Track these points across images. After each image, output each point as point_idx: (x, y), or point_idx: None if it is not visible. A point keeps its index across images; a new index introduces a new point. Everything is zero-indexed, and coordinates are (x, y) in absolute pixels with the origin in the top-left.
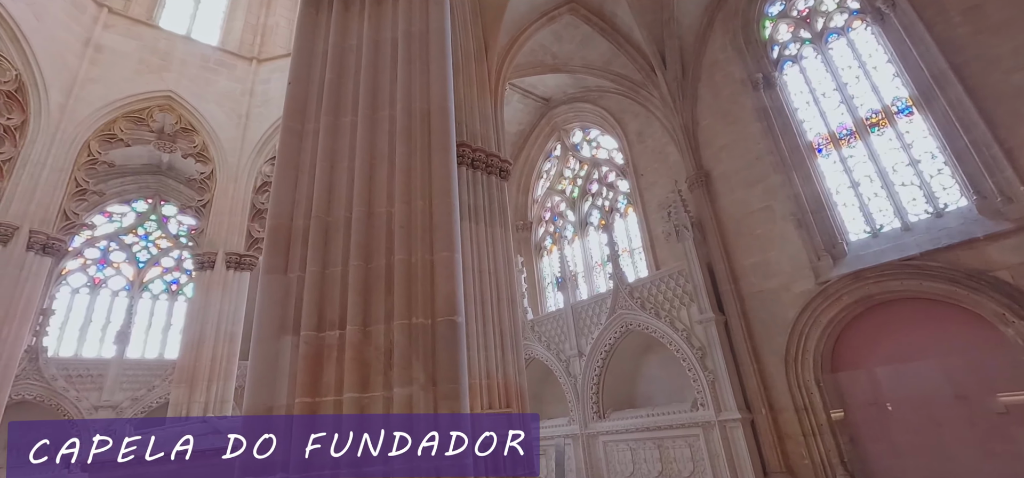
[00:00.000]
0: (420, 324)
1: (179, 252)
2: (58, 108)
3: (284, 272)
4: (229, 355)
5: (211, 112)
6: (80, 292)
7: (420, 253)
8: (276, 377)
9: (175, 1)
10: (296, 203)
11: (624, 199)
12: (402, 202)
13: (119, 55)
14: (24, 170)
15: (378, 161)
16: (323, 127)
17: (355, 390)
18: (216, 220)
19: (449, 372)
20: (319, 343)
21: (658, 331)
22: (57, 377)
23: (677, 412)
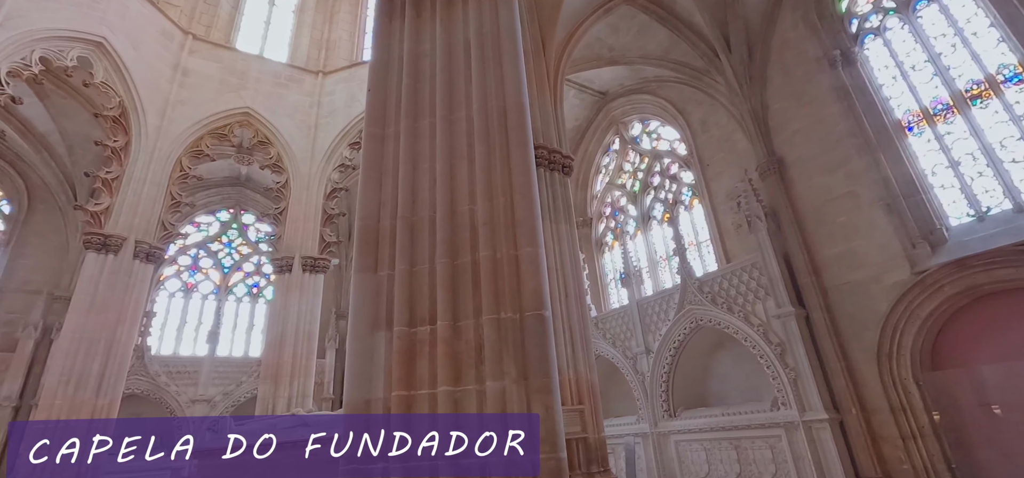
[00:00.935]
0: (508, 319)
1: (258, 258)
2: (154, 129)
3: (374, 271)
4: (308, 353)
5: (284, 125)
6: (175, 296)
7: (504, 249)
8: (372, 371)
9: (249, 23)
10: (382, 204)
11: (689, 191)
12: (484, 200)
13: (203, 77)
14: (129, 186)
15: (458, 161)
16: (403, 130)
17: (449, 384)
18: (292, 226)
19: (540, 366)
20: (411, 338)
21: (731, 327)
22: (160, 373)
23: (755, 412)
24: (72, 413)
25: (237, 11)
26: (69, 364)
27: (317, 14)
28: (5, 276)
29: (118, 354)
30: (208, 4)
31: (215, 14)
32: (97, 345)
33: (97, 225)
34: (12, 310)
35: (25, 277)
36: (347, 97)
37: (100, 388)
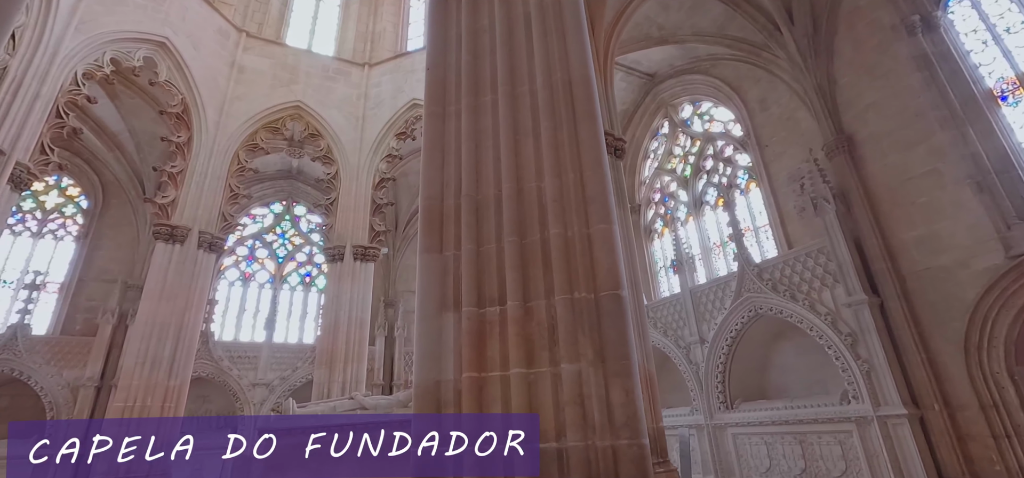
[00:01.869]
0: (583, 299)
1: (309, 248)
2: (214, 124)
3: (440, 251)
4: (360, 340)
5: (333, 117)
6: (234, 284)
7: (576, 227)
8: (442, 353)
9: (298, 18)
10: (445, 184)
11: (744, 174)
12: (552, 176)
13: (257, 73)
14: (192, 180)
15: (522, 137)
16: (464, 108)
17: (521, 365)
18: (342, 216)
19: (618, 348)
20: (481, 319)
21: (794, 316)
22: (223, 358)
23: (823, 405)
24: (148, 393)
25: (286, 7)
26: (144, 347)
27: (362, 7)
28: (85, 266)
29: (186, 339)
30: (259, 1)
31: (266, 11)
32: (168, 330)
33: (165, 217)
34: (92, 298)
35: (102, 267)
36: (393, 88)
37: (172, 370)
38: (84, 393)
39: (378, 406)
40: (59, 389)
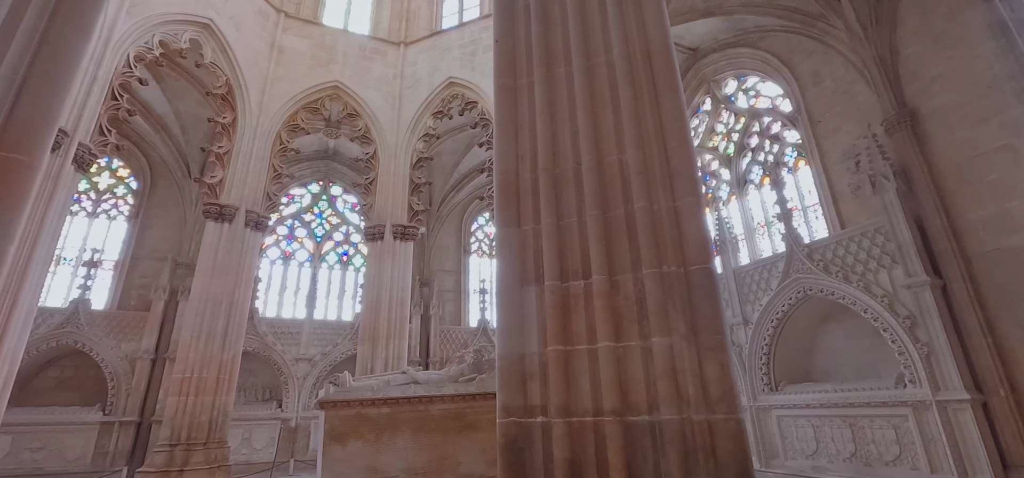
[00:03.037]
0: (672, 272)
1: (346, 227)
2: (256, 105)
3: (518, 225)
4: (401, 317)
5: (370, 97)
6: (275, 263)
7: (662, 201)
8: (525, 326)
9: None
10: (520, 157)
11: (793, 151)
12: (634, 148)
13: (296, 54)
14: (238, 160)
15: (600, 108)
16: (537, 80)
17: (609, 339)
18: (381, 196)
19: (711, 322)
20: (565, 293)
21: (847, 297)
22: (267, 333)
23: (876, 389)
24: (204, 365)
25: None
26: (198, 322)
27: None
28: (137, 245)
29: (237, 314)
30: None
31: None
32: (219, 306)
33: (213, 196)
34: (144, 275)
35: (153, 246)
36: (429, 67)
37: (224, 344)
38: (141, 364)
39: (430, 380)
40: (118, 360)
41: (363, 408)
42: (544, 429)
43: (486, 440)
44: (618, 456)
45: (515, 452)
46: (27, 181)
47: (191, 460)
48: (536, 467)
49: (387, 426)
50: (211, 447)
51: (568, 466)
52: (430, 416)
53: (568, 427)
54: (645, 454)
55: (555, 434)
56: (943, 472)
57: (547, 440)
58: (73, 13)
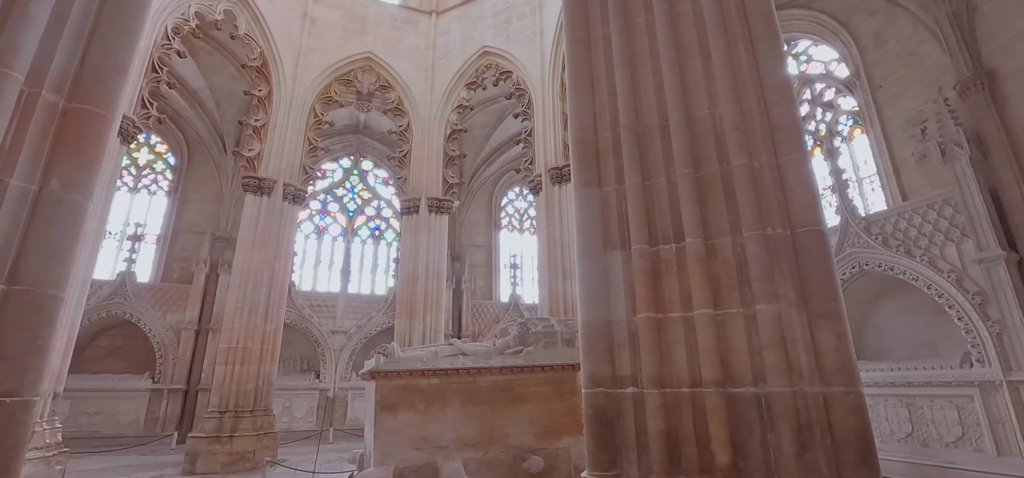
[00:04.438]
0: (777, 235)
1: (377, 202)
2: (291, 77)
3: (598, 186)
4: (437, 290)
5: (403, 68)
6: (309, 237)
7: (763, 157)
8: (610, 292)
9: None
10: (598, 114)
11: (848, 119)
12: (729, 102)
13: (328, 25)
14: (274, 133)
15: (688, 59)
16: (614, 31)
17: (707, 306)
18: (416, 169)
19: (824, 288)
20: (654, 257)
21: (909, 272)
22: (304, 306)
23: (937, 367)
24: (248, 335)
25: None
26: (242, 294)
27: None
28: (177, 219)
29: (277, 286)
30: None
31: None
32: (261, 277)
33: (252, 169)
34: (185, 248)
35: (192, 220)
36: (462, 37)
37: (266, 315)
38: (186, 334)
39: (477, 352)
40: (164, 331)
41: (413, 378)
42: (636, 400)
43: (534, 412)
44: (721, 429)
45: (604, 424)
46: (103, 135)
47: (239, 426)
48: (628, 440)
49: (436, 397)
50: (257, 414)
51: (664, 439)
52: (478, 387)
53: (662, 398)
54: (751, 428)
55: (648, 406)
56: (1012, 455)
57: (639, 412)
58: None
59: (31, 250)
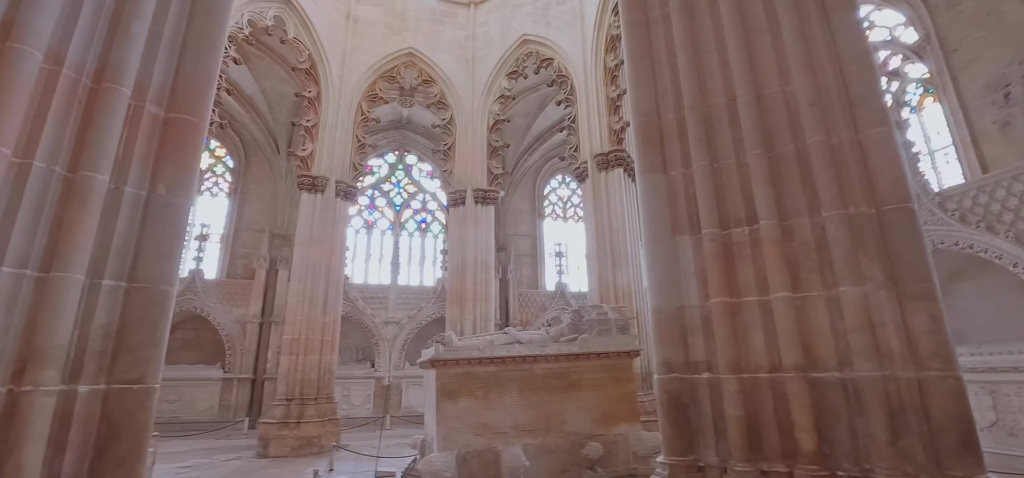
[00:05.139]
0: (861, 214)
1: (423, 195)
2: (337, 77)
3: (664, 170)
4: (486, 280)
5: (444, 61)
6: (359, 232)
7: (843, 133)
8: (681, 277)
9: None
10: (660, 97)
11: (917, 88)
12: (803, 76)
13: (370, 24)
14: (325, 132)
15: (755, 35)
16: (674, 10)
17: (785, 289)
18: (461, 161)
19: (915, 268)
20: (726, 241)
21: (991, 250)
22: (357, 298)
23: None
24: (309, 327)
25: None
26: (301, 288)
27: None
28: (238, 219)
29: (334, 279)
30: None
31: None
32: (319, 272)
33: (306, 169)
34: (246, 246)
35: (251, 219)
36: (501, 26)
37: (325, 307)
38: (250, 327)
39: (532, 340)
40: (231, 324)
41: (471, 366)
42: (711, 386)
43: (590, 399)
44: (805, 415)
45: (679, 409)
46: (197, 141)
47: (305, 413)
48: (705, 425)
49: (494, 384)
50: (321, 402)
51: (743, 425)
52: (535, 375)
53: (740, 383)
54: (838, 414)
55: (726, 391)
56: None
57: (716, 397)
58: None
59: (145, 251)
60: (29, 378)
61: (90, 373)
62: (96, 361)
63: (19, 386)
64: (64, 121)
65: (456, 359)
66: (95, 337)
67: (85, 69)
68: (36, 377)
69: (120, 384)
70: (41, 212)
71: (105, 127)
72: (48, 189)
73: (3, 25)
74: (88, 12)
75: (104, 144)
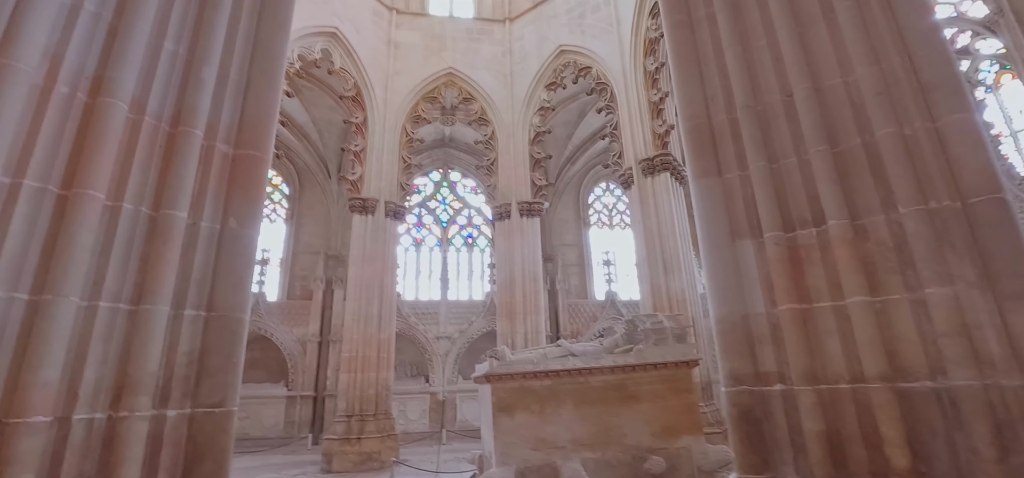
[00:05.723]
0: (944, 208)
1: (468, 211)
2: (382, 102)
3: (718, 174)
4: (535, 293)
5: (482, 78)
6: (408, 250)
7: (917, 122)
8: (744, 284)
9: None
10: (709, 99)
11: (991, 65)
12: (866, 65)
13: (410, 47)
14: (372, 155)
15: (809, 26)
16: (718, 8)
17: (861, 293)
18: (504, 175)
19: (1012, 265)
20: (791, 243)
21: None
22: (409, 314)
23: None
24: (365, 344)
25: None
26: (357, 306)
27: None
28: (294, 242)
29: (387, 297)
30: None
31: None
32: (372, 290)
33: (356, 191)
34: (303, 268)
35: (307, 242)
36: (537, 39)
37: (380, 324)
38: (310, 346)
39: (586, 352)
40: (292, 343)
41: (525, 380)
42: (785, 398)
43: (650, 411)
44: (894, 429)
45: (751, 423)
46: (262, 174)
47: (365, 429)
48: (780, 441)
49: (550, 398)
50: (379, 418)
51: (825, 440)
52: (591, 388)
53: (818, 395)
54: (933, 427)
55: (802, 404)
56: None
57: (791, 410)
58: (274, 11)
59: (220, 280)
60: (125, 404)
61: (176, 398)
62: (181, 387)
63: (117, 412)
64: (147, 165)
65: (510, 373)
66: (180, 364)
67: (163, 115)
68: (131, 403)
69: (203, 408)
70: (131, 250)
71: (183, 167)
72: (136, 228)
73: (95, 81)
74: (165, 62)
75: (182, 183)
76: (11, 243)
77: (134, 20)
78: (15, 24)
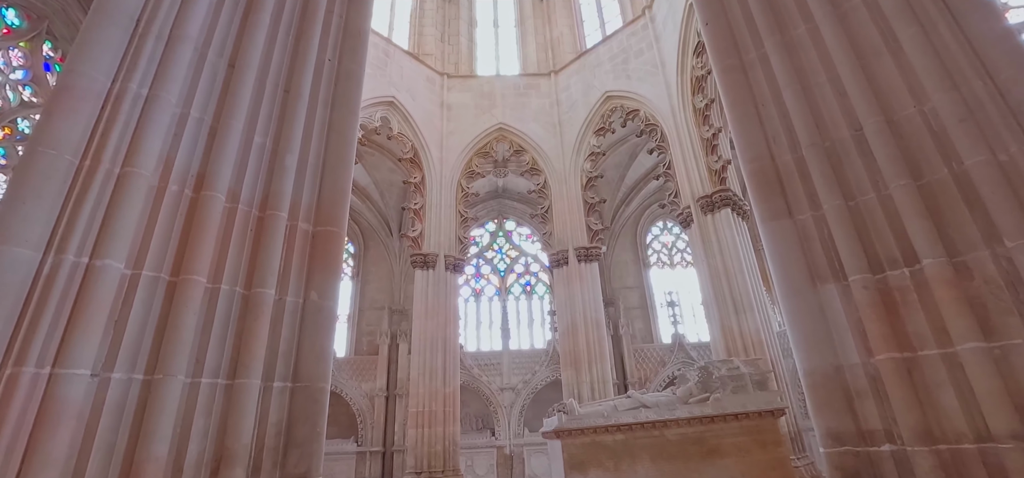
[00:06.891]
0: None
1: (524, 259)
2: (437, 160)
3: (789, 216)
4: (598, 339)
5: (532, 130)
6: (468, 301)
7: (1012, 147)
8: (832, 332)
9: (483, 50)
10: (771, 139)
11: None
12: (943, 92)
13: (461, 107)
14: (430, 212)
15: (871, 59)
16: (771, 50)
17: (974, 338)
18: (559, 221)
19: None
20: (882, 285)
21: None
22: (472, 366)
23: None
24: (431, 398)
25: (472, 42)
26: (422, 360)
27: (536, 20)
28: (361, 299)
29: (450, 349)
30: (451, 46)
31: (458, 52)
32: (436, 344)
33: (417, 247)
34: (370, 323)
35: (372, 298)
36: (582, 87)
37: (444, 377)
38: (378, 401)
39: (659, 403)
40: (361, 398)
41: (597, 435)
42: (898, 460)
43: (735, 467)
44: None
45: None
46: (339, 249)
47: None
48: None
49: (624, 453)
50: (448, 474)
51: None
52: (667, 441)
53: (937, 458)
54: None
55: (918, 467)
56: None
57: (905, 474)
58: (345, 99)
59: (304, 353)
60: (223, 476)
61: (267, 469)
62: (271, 457)
63: None
64: (240, 248)
65: (581, 428)
66: (270, 435)
67: (254, 202)
68: (228, 475)
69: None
70: (227, 328)
71: (270, 248)
72: (231, 307)
73: (198, 177)
74: (255, 155)
75: (270, 262)
76: (131, 328)
77: (230, 121)
78: (138, 136)
